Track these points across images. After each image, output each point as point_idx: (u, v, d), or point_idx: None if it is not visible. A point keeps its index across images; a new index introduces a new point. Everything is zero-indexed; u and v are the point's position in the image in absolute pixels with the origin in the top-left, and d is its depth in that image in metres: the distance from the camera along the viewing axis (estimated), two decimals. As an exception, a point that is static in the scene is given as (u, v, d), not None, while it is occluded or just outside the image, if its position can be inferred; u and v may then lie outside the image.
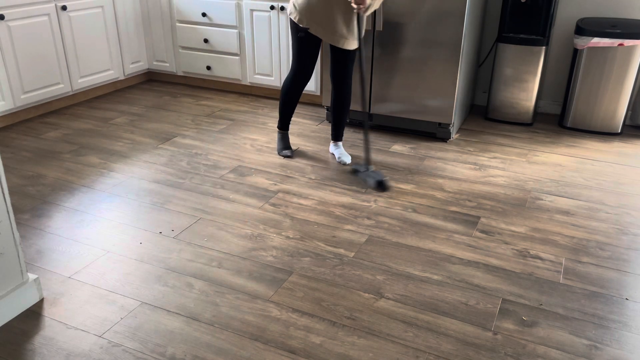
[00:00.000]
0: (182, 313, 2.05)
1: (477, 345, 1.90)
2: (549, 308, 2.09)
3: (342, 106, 3.24)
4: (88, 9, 4.09)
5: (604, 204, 2.84)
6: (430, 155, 3.41)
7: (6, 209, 1.94)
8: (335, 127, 3.33)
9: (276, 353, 1.86)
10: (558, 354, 1.87)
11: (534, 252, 2.43)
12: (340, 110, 3.26)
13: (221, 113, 4.12)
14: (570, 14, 3.87)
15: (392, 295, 2.15)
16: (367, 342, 1.92)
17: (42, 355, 1.85)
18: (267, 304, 2.10)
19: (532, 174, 3.16)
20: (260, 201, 2.85)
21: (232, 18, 4.25)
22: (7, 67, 3.64)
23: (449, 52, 3.37)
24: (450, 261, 2.36)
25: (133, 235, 2.54)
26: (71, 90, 4.12)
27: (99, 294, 2.15)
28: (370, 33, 3.52)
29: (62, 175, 3.12)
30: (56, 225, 2.63)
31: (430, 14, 3.33)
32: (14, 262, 2.02)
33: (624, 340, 1.93)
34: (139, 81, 4.85)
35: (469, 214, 2.74)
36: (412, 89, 3.55)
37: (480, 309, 2.08)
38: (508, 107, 3.88)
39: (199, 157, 3.35)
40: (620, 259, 2.39)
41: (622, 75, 3.53)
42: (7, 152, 3.41)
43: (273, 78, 4.29)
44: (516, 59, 3.72)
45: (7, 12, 3.56)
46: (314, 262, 2.35)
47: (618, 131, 3.70)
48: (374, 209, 2.78)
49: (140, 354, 1.86)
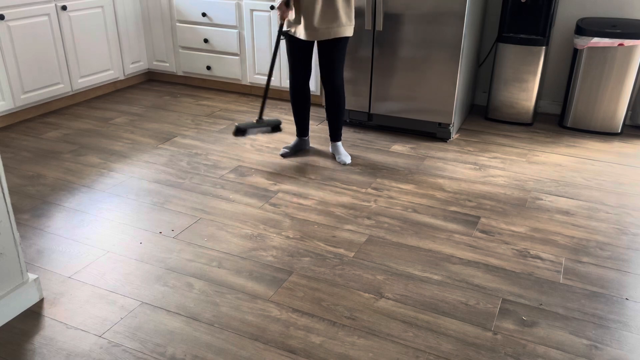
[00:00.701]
0: (182, 313, 2.05)
1: (477, 345, 1.90)
2: (549, 308, 2.09)
3: (332, 106, 3.22)
4: (88, 9, 4.09)
5: (604, 204, 2.84)
6: (430, 155, 3.41)
7: (6, 209, 1.94)
8: (330, 128, 3.33)
9: (276, 353, 1.86)
10: (558, 354, 1.87)
11: (534, 252, 2.43)
12: (333, 111, 3.24)
13: (221, 113, 4.12)
14: (570, 14, 3.87)
15: (392, 295, 2.15)
16: (367, 342, 1.92)
17: (42, 355, 1.85)
18: (267, 304, 2.10)
19: (532, 174, 3.16)
20: (260, 201, 2.85)
21: (232, 18, 4.25)
22: (7, 67, 3.64)
23: (449, 52, 3.37)
24: (450, 261, 2.36)
25: (133, 235, 2.54)
26: (71, 90, 4.12)
27: (99, 294, 2.15)
28: (370, 33, 3.52)
29: (62, 175, 3.12)
30: (56, 225, 2.63)
31: (430, 14, 3.33)
32: (14, 262, 2.02)
33: (624, 340, 1.93)
34: (139, 81, 4.85)
35: (469, 214, 2.74)
36: (412, 89, 3.55)
37: (480, 309, 2.08)
38: (508, 107, 3.88)
39: (199, 157, 3.35)
40: (620, 259, 2.39)
41: (622, 75, 3.53)
42: (7, 152, 3.41)
43: (274, 78, 4.29)
44: (516, 59, 3.72)
45: (7, 12, 3.56)
46: (314, 262, 2.35)
47: (618, 131, 3.70)
48: (374, 209, 2.78)
49: (140, 354, 1.86)
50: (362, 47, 3.57)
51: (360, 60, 3.61)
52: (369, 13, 3.45)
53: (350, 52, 3.62)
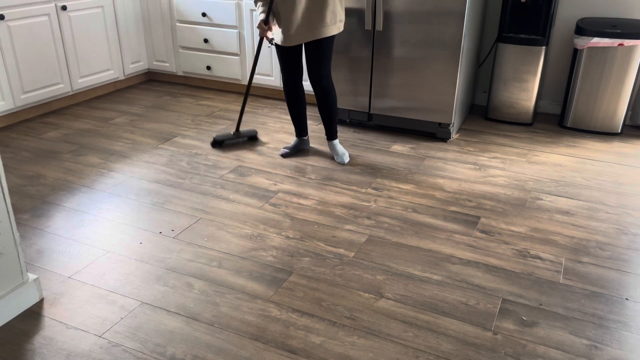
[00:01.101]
0: (182, 313, 2.05)
1: (477, 345, 1.90)
2: (549, 308, 2.09)
3: (324, 106, 3.22)
4: (88, 9, 4.09)
5: (604, 204, 2.84)
6: (430, 155, 3.41)
7: (6, 209, 1.94)
8: (325, 127, 3.33)
9: (276, 353, 1.86)
10: (558, 354, 1.87)
11: (534, 252, 2.43)
12: (325, 110, 3.24)
13: (221, 113, 4.12)
14: (570, 14, 3.87)
15: (392, 295, 2.15)
16: (367, 342, 1.92)
17: (42, 355, 1.85)
18: (267, 304, 2.10)
19: (532, 174, 3.16)
20: (260, 201, 2.85)
21: (232, 18, 4.24)
22: (7, 67, 3.64)
23: (449, 52, 3.37)
24: (450, 261, 2.36)
25: (133, 235, 2.54)
26: (71, 90, 4.12)
27: (99, 294, 2.15)
28: (370, 33, 3.52)
29: (62, 175, 3.12)
30: (56, 225, 2.63)
31: (430, 14, 3.33)
32: (14, 262, 2.02)
33: (624, 340, 1.93)
34: (139, 81, 4.85)
35: (469, 214, 2.74)
36: (412, 88, 3.55)
37: (480, 309, 2.08)
38: (508, 107, 3.88)
39: (199, 157, 3.35)
40: (620, 259, 2.39)
41: (622, 75, 3.53)
42: (7, 152, 3.41)
43: (273, 78, 4.29)
44: (516, 59, 3.72)
45: (7, 12, 3.56)
46: (314, 262, 2.35)
47: (618, 131, 3.70)
48: (374, 209, 2.78)
49: (140, 354, 1.86)
50: (362, 47, 3.57)
51: (360, 60, 3.61)
52: (369, 13, 3.45)
53: (350, 52, 3.62)
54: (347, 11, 3.52)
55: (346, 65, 3.66)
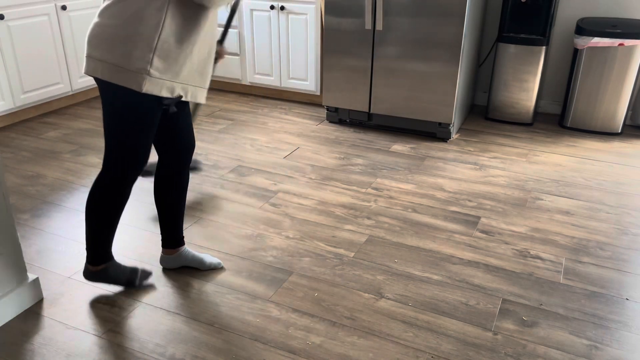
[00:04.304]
0: (182, 313, 2.05)
1: (477, 345, 1.90)
2: (549, 308, 2.08)
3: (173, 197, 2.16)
4: (88, 9, 4.09)
5: (604, 204, 2.84)
6: (430, 155, 3.41)
7: (6, 209, 1.94)
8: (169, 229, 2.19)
9: (276, 353, 1.86)
10: (558, 354, 1.87)
11: (534, 252, 2.43)
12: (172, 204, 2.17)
13: (221, 113, 4.12)
14: (570, 14, 3.87)
15: (392, 295, 2.15)
16: (367, 342, 1.92)
17: (42, 355, 1.85)
18: (267, 304, 2.10)
19: (532, 174, 3.16)
20: (260, 201, 2.84)
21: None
22: (7, 67, 3.64)
23: (449, 52, 3.37)
24: (450, 261, 2.36)
25: (133, 235, 2.54)
26: (71, 90, 4.12)
27: (99, 294, 2.15)
28: (370, 32, 3.52)
29: (62, 175, 3.11)
30: (56, 225, 2.62)
31: (430, 14, 3.33)
32: (14, 262, 2.02)
33: (624, 340, 1.93)
34: (139, 81, 4.84)
35: (469, 214, 2.74)
36: (412, 88, 3.55)
37: (480, 309, 2.08)
38: (508, 107, 3.88)
39: (199, 157, 3.35)
40: (620, 259, 2.38)
41: (622, 75, 3.53)
42: (7, 152, 3.41)
43: (273, 78, 4.29)
44: (516, 59, 3.72)
45: (7, 12, 3.56)
46: (314, 262, 2.35)
47: (618, 131, 3.70)
48: (374, 209, 2.78)
49: (140, 354, 1.86)
50: (362, 47, 3.57)
51: (360, 60, 3.61)
52: (369, 12, 3.45)
53: (350, 52, 3.61)
54: (347, 10, 3.51)
55: (346, 65, 3.66)
